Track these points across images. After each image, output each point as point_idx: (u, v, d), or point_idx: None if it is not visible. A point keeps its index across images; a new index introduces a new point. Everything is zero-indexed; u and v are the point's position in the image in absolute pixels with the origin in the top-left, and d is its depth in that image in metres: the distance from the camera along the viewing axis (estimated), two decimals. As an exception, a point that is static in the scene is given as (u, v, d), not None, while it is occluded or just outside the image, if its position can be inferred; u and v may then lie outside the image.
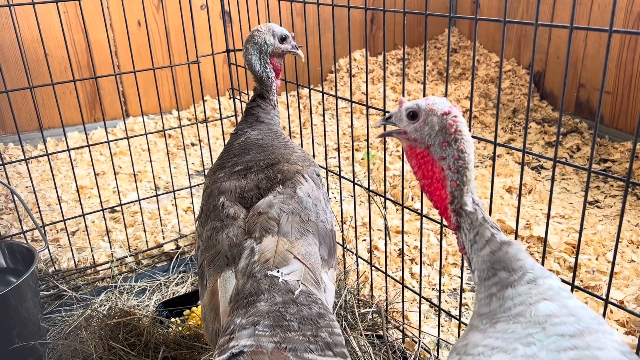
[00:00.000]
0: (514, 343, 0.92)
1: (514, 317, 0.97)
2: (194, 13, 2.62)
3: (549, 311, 0.95)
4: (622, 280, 2.48)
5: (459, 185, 1.14)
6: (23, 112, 4.22)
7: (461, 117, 1.17)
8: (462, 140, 1.15)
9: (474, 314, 1.09)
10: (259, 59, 1.97)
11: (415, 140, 1.20)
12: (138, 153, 4.14)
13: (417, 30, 5.60)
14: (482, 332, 1.00)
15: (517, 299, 0.99)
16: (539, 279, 1.01)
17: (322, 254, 1.54)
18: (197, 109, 4.70)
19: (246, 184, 1.65)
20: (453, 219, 1.16)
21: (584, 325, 0.92)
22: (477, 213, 1.12)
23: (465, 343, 1.01)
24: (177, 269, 2.65)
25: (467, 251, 1.14)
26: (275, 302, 1.33)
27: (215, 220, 1.61)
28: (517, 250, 1.05)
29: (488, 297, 1.05)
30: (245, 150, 1.79)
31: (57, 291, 2.51)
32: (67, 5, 4.12)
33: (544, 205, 3.18)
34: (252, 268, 1.42)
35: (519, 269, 1.03)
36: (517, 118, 4.44)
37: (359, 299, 2.28)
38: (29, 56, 4.12)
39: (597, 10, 3.94)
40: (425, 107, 1.20)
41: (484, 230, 1.10)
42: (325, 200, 1.71)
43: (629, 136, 3.81)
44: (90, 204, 3.37)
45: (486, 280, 1.06)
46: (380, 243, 2.80)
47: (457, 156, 1.14)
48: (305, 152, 1.86)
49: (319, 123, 4.56)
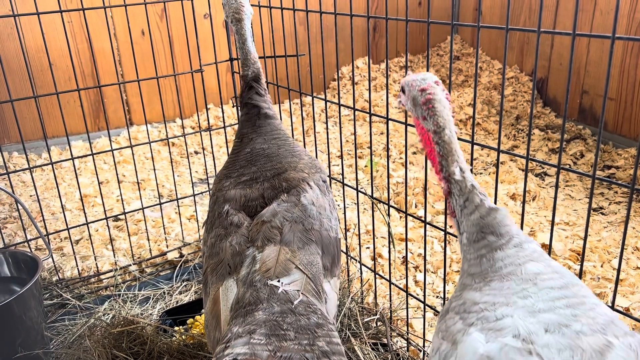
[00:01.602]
0: (512, 297, 1.02)
1: (507, 276, 1.07)
2: (198, 22, 2.64)
3: (537, 270, 1.07)
4: (627, 287, 2.46)
5: (442, 156, 1.21)
6: (27, 121, 4.23)
7: (439, 93, 1.23)
8: (436, 116, 1.21)
9: (463, 273, 1.17)
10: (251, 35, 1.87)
11: (410, 111, 1.30)
12: (142, 161, 4.15)
13: (420, 38, 5.62)
14: (477, 290, 1.09)
15: (506, 260, 1.10)
16: (524, 243, 1.12)
17: (324, 263, 1.53)
18: (200, 117, 4.71)
19: (251, 193, 1.65)
20: (444, 186, 1.24)
21: (567, 280, 1.06)
22: (465, 181, 1.20)
23: (461, 302, 1.09)
24: (181, 277, 2.65)
25: (456, 215, 1.22)
26: (273, 311, 1.32)
27: (219, 228, 1.61)
28: (503, 217, 1.15)
29: (478, 258, 1.14)
30: (252, 162, 1.78)
31: (60, 300, 2.51)
32: (72, 15, 4.15)
33: (548, 212, 3.17)
34: (252, 277, 1.42)
35: (506, 233, 1.13)
36: (520, 125, 4.44)
37: (363, 307, 2.27)
38: (34, 66, 4.14)
39: (600, 16, 3.94)
40: (407, 82, 1.28)
41: (473, 196, 1.18)
42: (331, 207, 1.69)
43: (633, 142, 3.80)
44: (94, 212, 3.38)
45: (475, 243, 1.15)
46: (384, 251, 2.79)
47: (434, 130, 1.21)
48: (313, 158, 1.83)
49: (322, 131, 4.56)
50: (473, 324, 1.01)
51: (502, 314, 0.99)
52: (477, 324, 1.00)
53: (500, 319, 0.98)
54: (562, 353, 0.90)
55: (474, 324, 1.01)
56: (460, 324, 1.04)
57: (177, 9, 2.68)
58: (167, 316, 2.28)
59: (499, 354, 0.92)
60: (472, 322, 1.01)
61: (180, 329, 2.19)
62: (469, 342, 0.98)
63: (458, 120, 4.55)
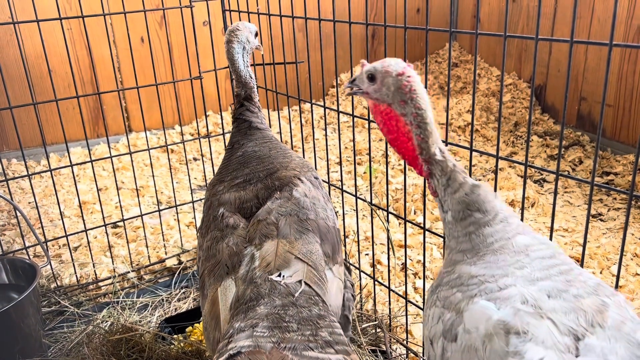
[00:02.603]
0: (509, 268, 1.06)
1: (499, 250, 1.11)
2: (197, 29, 2.64)
3: (526, 242, 1.12)
4: (627, 293, 2.46)
5: (423, 139, 1.23)
6: (26, 128, 4.24)
7: (415, 76, 1.24)
8: (418, 98, 1.23)
9: (452, 251, 1.20)
10: (242, 58, 1.92)
11: (377, 99, 1.29)
12: (140, 168, 4.15)
13: (418, 45, 5.64)
14: (472, 264, 1.12)
15: (496, 235, 1.14)
16: (510, 218, 1.16)
17: (325, 250, 1.54)
18: (199, 124, 4.72)
19: (245, 195, 1.67)
20: (425, 167, 1.26)
21: (553, 249, 1.12)
22: (446, 160, 1.22)
23: (456, 276, 1.12)
24: (179, 284, 2.64)
25: (439, 194, 1.24)
26: (275, 305, 1.33)
27: (215, 231, 1.62)
28: (486, 192, 1.18)
29: (467, 235, 1.17)
30: (244, 164, 1.80)
31: (59, 307, 2.50)
32: (71, 22, 4.16)
33: (547, 219, 3.17)
34: (252, 274, 1.43)
35: (492, 209, 1.16)
36: (518, 131, 4.45)
37: (362, 313, 2.27)
38: (33, 72, 4.15)
39: (597, 24, 3.96)
40: (380, 69, 1.28)
41: (455, 174, 1.21)
42: (325, 199, 1.71)
43: (631, 149, 3.81)
44: (92, 219, 3.37)
45: (462, 220, 1.18)
46: (383, 257, 2.79)
47: (415, 113, 1.23)
48: (304, 160, 1.86)
49: (321, 137, 4.57)
50: (476, 294, 1.03)
51: (505, 284, 1.02)
52: (480, 295, 1.03)
53: (504, 289, 1.01)
54: (568, 315, 0.95)
55: (477, 294, 1.03)
56: (459, 295, 1.07)
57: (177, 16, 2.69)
58: (165, 324, 2.27)
59: (514, 319, 0.95)
60: (475, 293, 1.04)
61: (179, 336, 2.18)
62: (479, 310, 1.00)
63: (456, 126, 4.56)
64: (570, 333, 0.93)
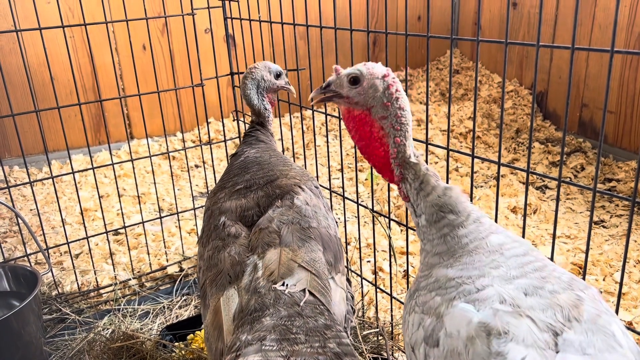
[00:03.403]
0: (485, 269, 1.07)
1: (474, 250, 1.12)
2: (199, 37, 2.65)
3: (500, 241, 1.13)
4: (630, 301, 2.45)
5: (402, 141, 1.25)
6: (28, 135, 4.25)
7: (396, 77, 1.28)
8: (402, 99, 1.26)
9: (427, 254, 1.21)
10: (257, 94, 2.05)
11: (357, 103, 1.30)
12: (142, 175, 4.15)
13: (419, 52, 5.65)
14: (448, 267, 1.12)
15: (470, 235, 1.15)
16: (482, 218, 1.18)
17: (327, 259, 1.53)
18: (201, 131, 4.73)
19: (246, 203, 1.67)
20: (397, 172, 1.28)
21: (527, 246, 1.13)
22: (420, 164, 1.24)
23: (433, 280, 1.13)
24: (181, 291, 2.64)
25: (411, 199, 1.26)
26: (281, 315, 1.32)
27: (216, 240, 1.61)
28: (458, 194, 1.20)
29: (442, 237, 1.18)
30: (245, 169, 1.81)
31: (60, 315, 2.49)
32: (74, 30, 4.18)
33: (549, 226, 3.16)
34: (256, 284, 1.42)
35: (464, 210, 1.18)
36: (520, 138, 4.44)
37: (364, 320, 2.26)
38: (35, 80, 4.16)
39: (598, 31, 3.97)
40: (366, 71, 1.30)
41: (428, 178, 1.23)
42: (326, 208, 1.72)
43: (634, 155, 3.80)
44: (94, 226, 3.37)
45: (436, 223, 1.20)
46: (384, 264, 2.78)
47: (399, 114, 1.25)
48: (304, 169, 1.88)
49: (322, 144, 4.57)
50: (455, 297, 1.04)
51: (482, 285, 1.03)
52: (459, 297, 1.03)
53: (482, 290, 1.02)
54: (545, 312, 0.96)
55: (456, 297, 1.04)
56: (438, 299, 1.07)
57: (178, 23, 2.69)
58: (167, 331, 2.26)
59: (494, 320, 0.95)
60: (453, 296, 1.04)
61: (180, 344, 2.17)
62: (459, 313, 1.00)
63: (458, 133, 4.56)
64: (549, 329, 0.94)
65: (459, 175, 3.84)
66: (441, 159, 4.16)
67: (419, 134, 4.50)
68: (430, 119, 4.79)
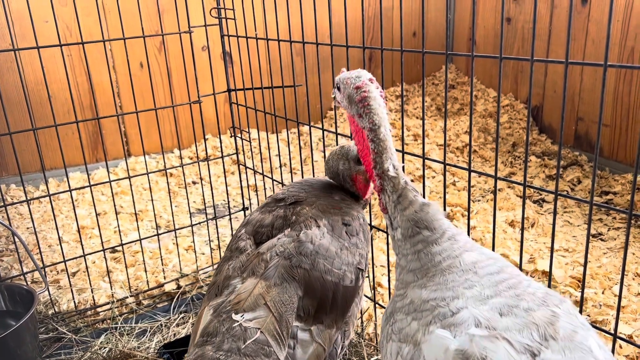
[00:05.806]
0: (458, 289, 1.06)
1: (447, 269, 1.11)
2: (196, 54, 2.67)
3: (473, 259, 1.11)
4: (629, 314, 2.44)
5: (377, 153, 1.24)
6: (25, 154, 4.24)
7: (373, 91, 1.26)
8: (372, 114, 1.24)
9: (402, 270, 1.19)
10: (341, 179, 1.83)
11: (346, 108, 1.32)
12: (139, 192, 4.14)
13: (415, 68, 5.69)
14: (422, 287, 1.11)
15: (444, 253, 1.13)
16: (457, 236, 1.16)
17: (304, 305, 1.45)
18: (198, 147, 4.73)
19: (265, 219, 1.67)
20: (377, 182, 1.26)
21: (501, 263, 1.12)
22: (399, 177, 1.23)
23: (408, 301, 1.11)
24: (178, 309, 2.62)
25: (388, 211, 1.25)
26: (222, 348, 1.34)
27: (228, 250, 1.65)
28: (435, 211, 1.19)
29: (415, 253, 1.17)
30: (294, 185, 1.83)
31: (56, 334, 2.47)
32: (71, 49, 4.20)
33: (547, 239, 3.16)
34: (224, 307, 1.43)
35: (439, 227, 1.17)
36: (516, 152, 4.46)
37: (363, 337, 2.24)
38: (33, 98, 4.18)
39: (592, 45, 4.01)
40: (342, 80, 1.30)
41: (406, 192, 1.22)
42: (341, 251, 1.56)
43: (630, 168, 3.82)
44: (91, 244, 3.36)
45: (411, 238, 1.18)
46: (383, 279, 2.77)
47: (370, 127, 1.24)
48: (340, 203, 1.72)
49: (319, 159, 4.57)
50: (431, 322, 1.02)
51: (457, 307, 1.02)
52: (435, 322, 1.02)
53: (456, 313, 1.01)
54: (522, 332, 0.95)
55: (432, 322, 1.02)
56: (415, 324, 1.06)
57: (176, 41, 2.72)
58: (164, 349, 2.24)
59: (471, 346, 0.94)
60: (430, 321, 1.03)
61: (178, 362, 2.15)
62: (436, 340, 0.99)
63: (454, 147, 4.58)
64: (527, 350, 0.93)
65: (457, 190, 3.85)
66: (438, 173, 4.17)
67: (416, 148, 4.52)
68: (426, 134, 4.80)
